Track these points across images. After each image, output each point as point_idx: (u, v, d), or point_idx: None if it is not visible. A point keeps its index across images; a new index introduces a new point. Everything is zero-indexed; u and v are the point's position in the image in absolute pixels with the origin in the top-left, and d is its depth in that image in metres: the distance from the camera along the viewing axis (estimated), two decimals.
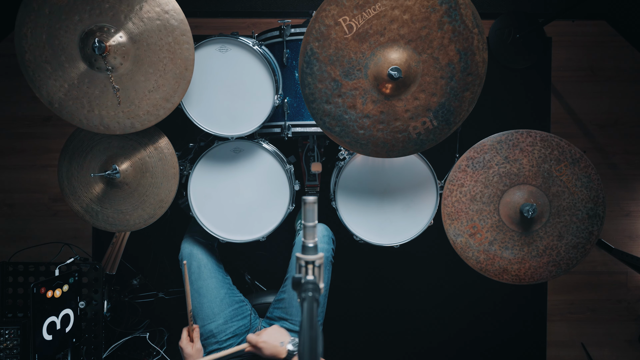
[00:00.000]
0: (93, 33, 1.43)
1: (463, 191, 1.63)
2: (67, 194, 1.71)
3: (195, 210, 1.79)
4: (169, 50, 1.47)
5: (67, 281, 1.59)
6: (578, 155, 1.58)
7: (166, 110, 1.53)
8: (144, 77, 1.49)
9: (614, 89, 2.46)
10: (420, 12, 1.37)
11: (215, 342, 1.69)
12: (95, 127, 1.52)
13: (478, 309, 2.42)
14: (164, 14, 1.45)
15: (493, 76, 2.37)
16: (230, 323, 1.73)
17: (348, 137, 1.53)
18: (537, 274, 1.64)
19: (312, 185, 2.12)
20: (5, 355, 1.59)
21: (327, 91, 1.46)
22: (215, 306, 1.73)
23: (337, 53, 1.42)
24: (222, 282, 1.81)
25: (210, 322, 1.71)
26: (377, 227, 1.80)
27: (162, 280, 2.36)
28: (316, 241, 0.91)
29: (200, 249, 1.82)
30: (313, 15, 1.40)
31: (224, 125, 1.72)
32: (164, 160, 1.67)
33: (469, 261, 1.65)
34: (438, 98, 1.47)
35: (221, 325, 1.71)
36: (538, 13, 2.39)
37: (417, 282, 2.42)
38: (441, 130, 1.52)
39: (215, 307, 1.73)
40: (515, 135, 1.60)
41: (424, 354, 2.44)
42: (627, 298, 2.47)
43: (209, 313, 1.72)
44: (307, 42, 1.41)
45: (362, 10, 1.37)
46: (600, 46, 2.46)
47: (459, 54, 1.41)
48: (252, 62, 1.67)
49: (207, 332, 1.70)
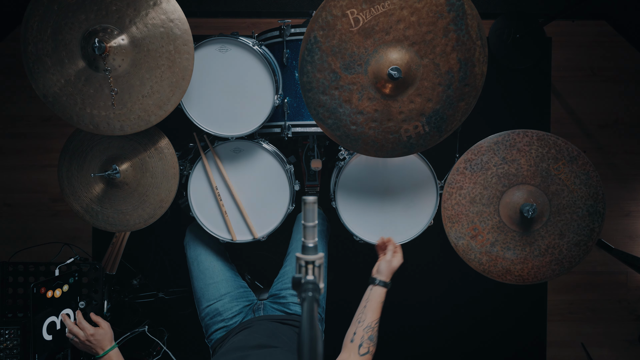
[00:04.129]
0: (96, 33, 1.44)
1: (462, 193, 1.63)
2: (67, 194, 1.71)
3: (195, 210, 1.79)
4: (168, 58, 1.48)
5: (67, 281, 1.59)
6: (575, 152, 1.58)
7: (157, 117, 1.53)
8: (140, 82, 1.49)
9: (614, 89, 2.46)
10: (428, 16, 1.37)
11: (221, 320, 1.71)
12: (84, 125, 1.53)
13: (478, 309, 2.42)
14: (168, 22, 1.45)
15: (493, 76, 2.37)
16: (235, 302, 1.75)
17: (339, 130, 1.52)
18: (540, 274, 1.63)
19: (312, 185, 2.12)
20: (5, 355, 1.59)
21: (324, 82, 1.46)
22: (221, 287, 1.76)
23: (340, 45, 1.42)
24: (228, 266, 1.86)
25: (216, 301, 1.73)
26: (377, 227, 1.80)
27: (162, 280, 2.36)
28: (316, 241, 0.91)
29: (205, 235, 1.85)
30: (321, 4, 1.40)
31: (224, 125, 1.72)
32: (164, 160, 1.68)
33: (471, 263, 1.65)
34: (433, 104, 1.47)
35: (227, 303, 1.73)
36: (538, 13, 2.39)
37: (417, 282, 2.42)
38: (432, 137, 1.52)
39: (222, 287, 1.76)
40: (512, 136, 1.60)
41: (424, 353, 2.44)
42: (627, 298, 2.47)
43: (214, 293, 1.75)
44: (311, 30, 1.40)
45: (371, 6, 1.37)
46: (600, 46, 2.46)
47: (459, 63, 1.42)
48: (252, 62, 1.67)
49: (213, 311, 1.72)
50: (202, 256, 1.82)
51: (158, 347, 2.19)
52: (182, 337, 2.38)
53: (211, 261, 1.81)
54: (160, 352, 2.17)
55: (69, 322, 1.49)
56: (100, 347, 1.48)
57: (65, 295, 1.58)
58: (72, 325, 1.49)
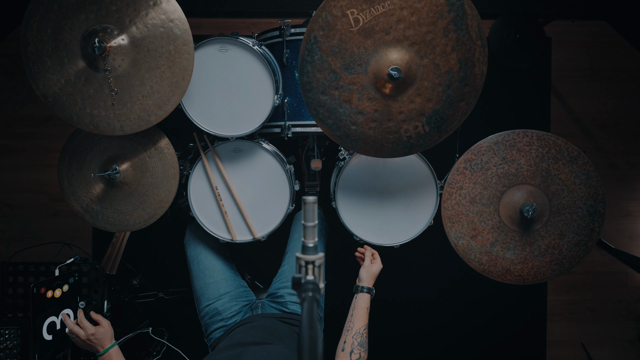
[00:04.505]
0: (96, 33, 1.44)
1: (462, 194, 1.63)
2: (67, 194, 1.71)
3: (195, 210, 1.79)
4: (168, 58, 1.48)
5: (67, 281, 1.59)
6: (575, 152, 1.58)
7: (157, 117, 1.53)
8: (140, 82, 1.49)
9: (614, 89, 2.46)
10: (428, 16, 1.37)
11: (220, 320, 1.71)
12: (84, 125, 1.53)
13: (478, 308, 2.42)
14: (168, 22, 1.45)
15: (493, 76, 2.36)
16: (235, 301, 1.75)
17: (339, 130, 1.53)
18: (540, 274, 1.63)
19: (312, 185, 2.12)
20: (5, 355, 1.59)
21: (324, 82, 1.46)
22: (221, 286, 1.76)
23: (340, 45, 1.42)
24: (228, 266, 1.86)
25: (215, 301, 1.74)
26: (377, 227, 1.80)
27: (162, 280, 2.36)
28: (316, 241, 0.91)
29: (206, 234, 1.84)
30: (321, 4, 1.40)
31: (224, 125, 1.72)
32: (164, 160, 1.68)
33: (471, 263, 1.65)
34: (433, 104, 1.47)
35: (226, 303, 1.73)
36: (538, 13, 2.39)
37: (417, 282, 2.42)
38: (432, 137, 1.52)
39: (221, 287, 1.76)
40: (512, 136, 1.60)
41: (424, 353, 2.44)
42: (627, 298, 2.47)
43: (214, 292, 1.75)
44: (311, 30, 1.40)
45: (371, 6, 1.37)
46: (600, 46, 2.46)
47: (459, 63, 1.42)
48: (252, 62, 1.67)
49: (213, 310, 1.72)
50: (202, 255, 1.82)
51: (158, 347, 2.19)
52: (182, 337, 2.37)
53: (211, 260, 1.81)
54: (161, 352, 2.17)
55: (69, 322, 1.50)
56: (100, 345, 1.48)
57: (65, 295, 1.58)
58: (73, 325, 1.49)
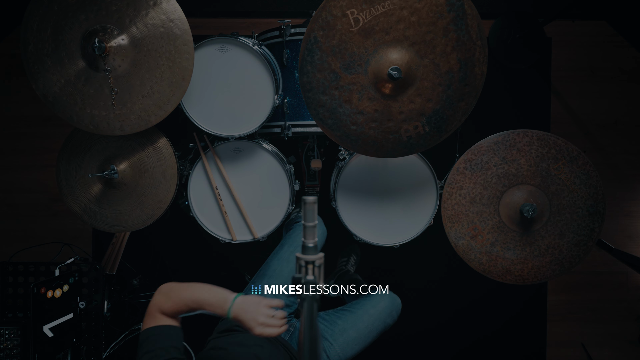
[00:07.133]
0: (96, 33, 1.44)
1: (462, 193, 1.63)
2: (65, 194, 1.71)
3: (195, 210, 1.79)
4: (168, 58, 1.48)
5: (67, 281, 1.59)
6: (575, 152, 1.58)
7: (157, 117, 1.53)
8: (140, 82, 1.49)
9: (614, 89, 2.45)
10: (428, 16, 1.37)
11: None
12: (84, 125, 1.53)
13: (478, 308, 2.42)
14: (168, 22, 1.45)
15: (493, 76, 2.36)
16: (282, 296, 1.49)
17: (339, 130, 1.52)
18: (540, 274, 1.63)
19: (312, 185, 2.12)
20: (5, 355, 1.59)
21: (325, 82, 1.46)
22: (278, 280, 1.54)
23: (340, 45, 1.42)
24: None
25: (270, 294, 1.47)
26: (377, 227, 1.80)
27: (162, 280, 2.34)
28: (316, 241, 0.91)
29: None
30: (321, 4, 1.40)
31: (224, 125, 1.72)
32: (162, 160, 1.67)
33: (471, 263, 1.65)
34: (433, 104, 1.47)
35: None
36: (538, 13, 2.39)
37: (417, 282, 2.42)
38: (432, 137, 1.52)
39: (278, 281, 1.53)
40: (512, 136, 1.59)
41: (424, 353, 2.44)
42: (627, 298, 2.47)
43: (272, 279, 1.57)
44: (311, 30, 1.40)
45: (371, 6, 1.37)
46: (600, 46, 2.45)
47: (459, 63, 1.42)
48: (252, 62, 1.67)
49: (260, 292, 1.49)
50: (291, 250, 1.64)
51: None
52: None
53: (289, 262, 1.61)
54: None
55: None
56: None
57: (65, 295, 1.58)
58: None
